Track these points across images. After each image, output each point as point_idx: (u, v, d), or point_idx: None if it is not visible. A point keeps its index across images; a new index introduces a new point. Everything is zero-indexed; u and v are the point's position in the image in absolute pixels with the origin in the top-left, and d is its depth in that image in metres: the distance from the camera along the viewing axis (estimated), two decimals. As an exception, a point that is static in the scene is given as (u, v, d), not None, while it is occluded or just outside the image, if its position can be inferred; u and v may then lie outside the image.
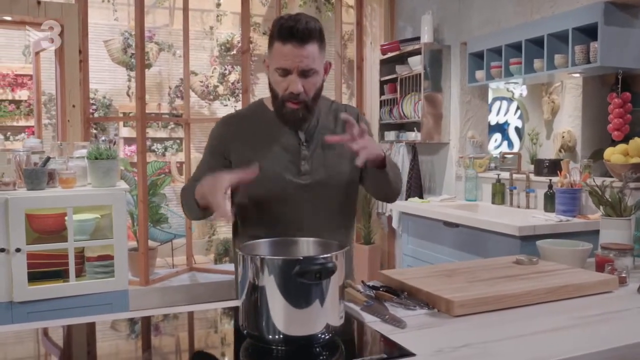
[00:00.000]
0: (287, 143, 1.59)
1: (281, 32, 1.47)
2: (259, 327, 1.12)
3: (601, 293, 1.50)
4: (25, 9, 3.69)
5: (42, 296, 2.71)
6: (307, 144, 1.60)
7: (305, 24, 1.46)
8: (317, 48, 1.49)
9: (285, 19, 1.48)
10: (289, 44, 1.46)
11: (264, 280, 1.11)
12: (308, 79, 1.50)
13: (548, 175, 3.24)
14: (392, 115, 4.41)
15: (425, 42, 4.01)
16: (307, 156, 1.59)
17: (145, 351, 1.23)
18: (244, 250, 1.20)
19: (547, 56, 3.08)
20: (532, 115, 5.10)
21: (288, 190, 1.57)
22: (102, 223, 2.96)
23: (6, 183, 2.66)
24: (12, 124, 5.93)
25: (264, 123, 1.61)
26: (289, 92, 1.50)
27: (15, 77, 5.90)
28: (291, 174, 1.58)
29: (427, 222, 3.38)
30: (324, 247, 1.30)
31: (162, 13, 6.35)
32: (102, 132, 6.17)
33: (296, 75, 1.48)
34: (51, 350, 1.26)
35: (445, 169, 4.12)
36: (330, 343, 1.16)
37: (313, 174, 1.59)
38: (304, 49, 1.46)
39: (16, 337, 1.28)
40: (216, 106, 6.61)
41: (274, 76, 1.53)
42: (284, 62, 1.48)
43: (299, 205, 1.58)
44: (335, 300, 1.15)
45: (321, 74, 1.55)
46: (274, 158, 1.58)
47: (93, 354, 1.23)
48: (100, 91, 6.12)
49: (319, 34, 1.49)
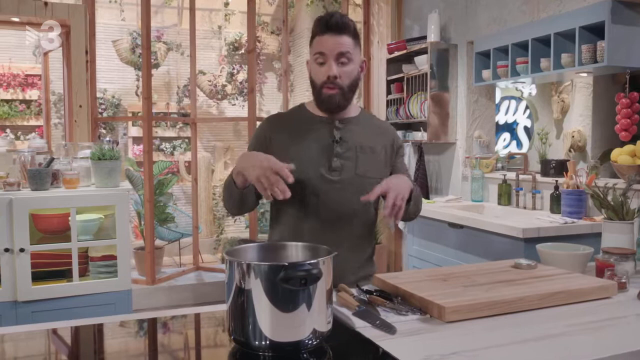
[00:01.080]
0: (322, 139, 1.68)
1: (319, 25, 1.61)
2: (246, 333, 1.12)
3: (599, 299, 1.47)
4: (32, 10, 3.71)
5: (46, 296, 2.73)
6: (340, 142, 1.67)
7: (340, 17, 1.61)
8: (351, 41, 1.62)
9: (323, 15, 1.64)
10: (326, 34, 1.60)
11: (250, 285, 1.11)
12: (344, 67, 1.61)
13: (555, 176, 3.20)
14: (398, 114, 4.39)
15: (432, 41, 3.98)
16: (339, 153, 1.67)
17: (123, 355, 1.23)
18: (230, 255, 1.20)
19: (553, 55, 3.04)
20: (541, 114, 5.04)
21: (319, 183, 1.65)
22: (106, 223, 2.97)
23: (11, 183, 2.68)
24: (22, 123, 5.99)
25: (303, 120, 1.71)
26: (326, 77, 1.60)
27: (26, 77, 5.96)
28: (323, 168, 1.65)
29: (432, 223, 3.36)
30: (311, 251, 1.29)
31: (171, 13, 6.37)
32: (111, 131, 6.21)
33: (333, 60, 1.60)
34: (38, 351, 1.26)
35: (451, 169, 4.08)
36: (317, 349, 1.15)
37: (342, 172, 1.66)
38: (340, 37, 1.59)
39: (25, 336, 1.28)
40: (224, 105, 6.62)
41: (314, 66, 1.64)
42: (321, 47, 1.61)
43: (327, 198, 1.65)
44: (322, 306, 1.14)
45: (357, 65, 1.66)
46: (308, 151, 1.66)
47: (76, 354, 1.23)
48: (109, 91, 6.16)
49: (353, 29, 1.63)
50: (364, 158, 1.69)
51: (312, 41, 1.65)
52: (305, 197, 1.65)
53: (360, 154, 1.69)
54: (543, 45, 3.15)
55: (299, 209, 1.66)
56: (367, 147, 1.70)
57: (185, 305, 4.21)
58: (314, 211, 1.65)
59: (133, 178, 4.49)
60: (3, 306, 2.66)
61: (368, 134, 1.73)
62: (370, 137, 1.73)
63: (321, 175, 1.65)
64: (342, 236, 1.66)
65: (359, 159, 1.68)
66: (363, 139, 1.71)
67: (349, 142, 1.68)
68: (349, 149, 1.68)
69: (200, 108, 6.47)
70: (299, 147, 1.67)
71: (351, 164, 1.67)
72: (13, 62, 5.93)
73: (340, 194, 1.65)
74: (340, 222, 1.66)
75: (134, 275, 4.50)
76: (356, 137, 1.70)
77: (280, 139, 1.69)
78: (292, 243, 1.34)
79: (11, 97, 5.91)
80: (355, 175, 1.67)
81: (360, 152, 1.69)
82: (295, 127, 1.71)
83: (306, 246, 1.32)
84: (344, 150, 1.67)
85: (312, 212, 1.65)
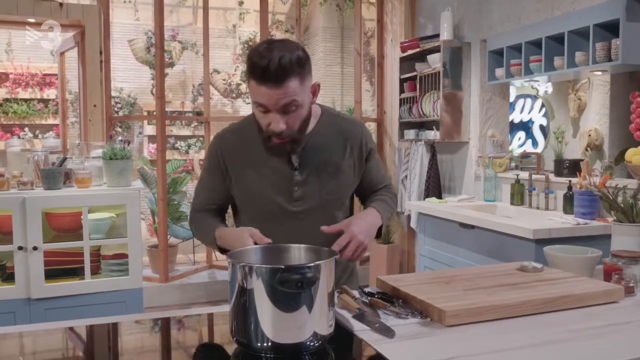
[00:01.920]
0: (280, 167, 1.53)
1: (255, 72, 1.36)
2: (247, 334, 1.12)
3: (605, 304, 1.44)
4: (48, 11, 3.77)
5: (59, 293, 2.77)
6: (300, 169, 1.54)
7: (278, 62, 1.32)
8: (297, 82, 1.37)
9: (257, 55, 1.35)
10: (263, 86, 1.35)
11: (250, 287, 1.11)
12: (290, 114, 1.40)
13: (568, 176, 3.15)
14: (411, 113, 4.36)
15: (445, 39, 3.95)
16: (300, 182, 1.54)
17: (122, 355, 1.24)
18: (233, 257, 1.20)
19: (567, 53, 2.99)
20: (557, 112, 4.97)
21: (281, 215, 1.54)
22: (118, 222, 3.00)
23: (24, 182, 2.72)
24: (40, 122, 6.09)
25: (257, 142, 1.51)
26: (271, 129, 1.41)
27: (44, 76, 6.04)
28: (284, 199, 1.54)
29: (443, 222, 3.33)
30: (314, 254, 1.29)
31: (186, 12, 6.41)
32: (127, 130, 6.27)
33: (276, 113, 1.39)
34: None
35: (464, 169, 4.05)
36: (319, 351, 1.15)
37: (306, 200, 1.55)
38: (281, 88, 1.35)
39: (43, 333, 1.31)
40: (239, 104, 6.64)
41: (255, 111, 1.44)
42: (261, 99, 1.38)
43: (292, 229, 1.53)
44: (323, 308, 1.14)
45: (306, 105, 1.45)
46: (266, 182, 1.54)
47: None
48: (125, 90, 6.22)
49: (297, 66, 1.35)
50: (328, 179, 1.55)
51: (249, 81, 1.39)
52: (266, 229, 1.44)
53: (324, 174, 1.55)
54: (557, 44, 3.11)
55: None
56: (332, 164, 1.56)
57: (197, 303, 4.24)
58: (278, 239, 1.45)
59: (147, 176, 4.54)
60: (17, 303, 2.70)
61: (332, 146, 1.57)
62: (334, 151, 1.57)
63: (281, 207, 1.53)
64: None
65: (323, 182, 1.55)
66: (327, 155, 1.55)
67: (310, 164, 1.54)
68: (310, 172, 1.54)
69: (214, 107, 6.51)
70: (253, 177, 1.54)
71: (314, 189, 1.54)
72: (31, 62, 6.02)
73: (305, 224, 1.53)
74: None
75: (148, 272, 4.55)
76: (319, 155, 1.54)
77: (234, 165, 1.57)
78: (296, 245, 1.32)
79: (30, 97, 6.01)
80: (320, 200, 1.55)
81: (323, 172, 1.55)
82: (248, 152, 1.55)
83: (309, 248, 1.31)
84: (305, 177, 1.53)
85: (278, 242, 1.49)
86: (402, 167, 4.56)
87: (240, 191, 1.58)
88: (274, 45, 1.36)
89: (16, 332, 1.34)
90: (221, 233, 1.52)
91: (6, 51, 5.94)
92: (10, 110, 5.95)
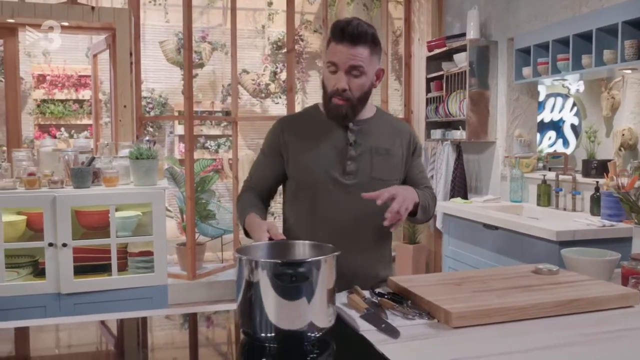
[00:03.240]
0: (336, 142, 1.66)
1: (335, 33, 1.57)
2: (252, 324, 1.18)
3: (620, 308, 1.42)
4: (80, 14, 3.87)
5: (87, 289, 2.84)
6: (354, 145, 1.65)
7: (356, 26, 1.54)
8: (367, 51, 1.57)
9: (340, 21, 1.58)
10: (341, 44, 1.55)
11: (255, 279, 1.17)
12: (355, 79, 1.58)
13: (596, 176, 3.08)
14: (437, 113, 4.33)
15: (471, 38, 3.90)
16: (353, 157, 1.65)
17: (144, 349, 1.28)
18: (240, 252, 1.24)
19: (595, 52, 2.93)
20: (589, 111, 4.86)
21: (332, 187, 1.64)
22: (144, 220, 3.07)
23: (55, 181, 2.81)
24: (76, 122, 6.27)
25: (317, 123, 1.69)
26: (335, 88, 1.58)
27: (79, 77, 6.22)
28: (337, 172, 1.64)
29: (468, 223, 3.30)
30: (316, 250, 1.33)
31: (216, 13, 6.49)
32: (158, 129, 6.40)
33: (343, 72, 1.57)
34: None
35: (491, 169, 4.00)
36: (321, 343, 1.19)
37: (357, 175, 1.65)
38: (354, 48, 1.54)
39: (76, 326, 1.37)
40: (268, 104, 6.70)
41: (326, 72, 1.63)
42: (334, 57, 1.57)
43: (341, 202, 1.64)
44: (322, 302, 1.19)
45: (370, 77, 1.61)
46: (322, 155, 1.65)
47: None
48: (156, 90, 6.35)
49: (370, 38, 1.56)
50: (379, 161, 1.67)
51: (328, 46, 1.61)
52: (319, 200, 1.64)
53: (376, 156, 1.66)
54: (585, 41, 3.04)
55: (314, 211, 1.66)
56: (383, 149, 1.68)
57: (224, 300, 4.30)
58: (327, 215, 1.64)
59: (176, 175, 4.63)
60: (47, 298, 2.80)
61: (384, 135, 1.70)
62: (386, 139, 1.70)
63: (335, 179, 1.64)
64: (355, 239, 1.65)
65: (374, 162, 1.66)
66: (378, 141, 1.68)
67: (363, 144, 1.66)
68: (363, 151, 1.66)
69: (243, 107, 6.58)
70: (312, 151, 1.66)
71: (366, 167, 1.65)
72: (67, 63, 6.20)
73: (354, 197, 1.62)
74: (354, 225, 1.65)
75: (177, 270, 4.64)
76: (371, 139, 1.68)
77: (293, 143, 1.68)
78: (301, 242, 1.39)
79: (65, 97, 6.19)
80: (371, 179, 1.64)
81: (375, 154, 1.66)
82: (308, 130, 1.69)
83: (313, 245, 1.37)
84: (358, 153, 1.65)
85: (325, 215, 1.65)
86: (428, 167, 4.53)
87: (296, 163, 1.68)
88: (355, 18, 1.59)
89: (51, 324, 1.43)
90: (249, 220, 1.61)
91: (43, 53, 6.13)
92: (48, 111, 6.15)
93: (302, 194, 1.67)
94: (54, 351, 1.29)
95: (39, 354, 1.27)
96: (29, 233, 2.96)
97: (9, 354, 1.24)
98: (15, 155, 3.01)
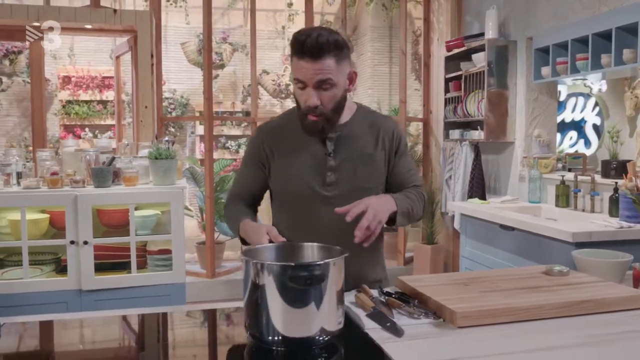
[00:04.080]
0: (315, 152, 1.61)
1: (295, 47, 1.48)
2: (259, 328, 1.18)
3: (628, 310, 1.41)
4: (103, 17, 3.96)
5: (107, 286, 2.91)
6: (334, 155, 1.61)
7: (316, 39, 1.44)
8: (333, 61, 1.48)
9: (299, 33, 1.49)
10: (302, 60, 1.47)
11: (262, 283, 1.17)
12: (325, 92, 1.51)
13: (616, 177, 3.04)
14: (456, 113, 4.31)
15: (490, 37, 3.88)
16: (333, 167, 1.60)
17: (141, 348, 1.33)
18: (247, 255, 1.26)
19: (614, 51, 2.89)
20: (612, 111, 4.78)
21: (313, 199, 1.60)
22: (163, 219, 3.13)
23: (76, 181, 2.89)
24: (100, 122, 6.40)
25: (295, 133, 1.62)
26: (307, 105, 1.52)
27: (103, 79, 6.35)
28: (317, 183, 1.60)
29: (484, 224, 3.29)
30: (326, 252, 1.33)
31: (237, 14, 6.57)
32: (179, 130, 6.50)
33: (312, 88, 1.50)
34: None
35: (510, 169, 3.97)
36: (329, 346, 1.20)
37: (338, 185, 1.60)
38: (317, 63, 1.46)
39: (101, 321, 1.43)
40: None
41: (295, 88, 1.56)
42: (299, 74, 1.50)
43: (324, 214, 1.59)
44: (332, 305, 1.19)
45: (342, 86, 1.54)
46: (301, 166, 1.61)
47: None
48: (178, 91, 6.45)
49: (334, 46, 1.47)
50: (362, 168, 1.61)
51: (292, 58, 1.52)
52: (299, 212, 1.60)
53: (358, 163, 1.61)
54: (604, 41, 3.01)
55: (295, 223, 1.62)
56: (365, 154, 1.62)
57: (240, 299, 4.34)
58: (310, 226, 1.60)
59: (196, 175, 4.69)
60: (69, 294, 2.87)
61: (364, 138, 1.64)
62: (367, 142, 1.64)
63: (314, 191, 1.59)
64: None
65: (357, 170, 1.61)
66: (359, 146, 1.62)
67: (343, 152, 1.61)
68: (343, 160, 1.60)
69: (264, 107, 6.64)
70: (291, 163, 1.62)
71: (347, 176, 1.60)
72: (92, 65, 6.34)
73: (336, 208, 1.52)
74: (338, 236, 1.47)
75: (197, 268, 4.70)
76: (351, 145, 1.62)
77: (273, 155, 1.65)
78: (309, 243, 1.38)
79: (90, 98, 6.33)
80: (353, 188, 1.59)
81: (358, 161, 1.61)
82: (287, 141, 1.64)
83: (321, 247, 1.36)
84: (338, 163, 1.60)
85: (307, 226, 1.60)
86: (446, 167, 4.52)
87: (276, 176, 1.65)
88: (314, 29, 1.50)
89: (74, 319, 1.49)
90: (244, 225, 1.60)
91: (69, 55, 6.28)
92: (72, 111, 6.29)
93: (285, 205, 1.65)
94: (77, 346, 1.34)
95: (62, 349, 1.32)
96: (52, 231, 3.05)
97: (35, 348, 1.30)
98: (39, 155, 3.10)
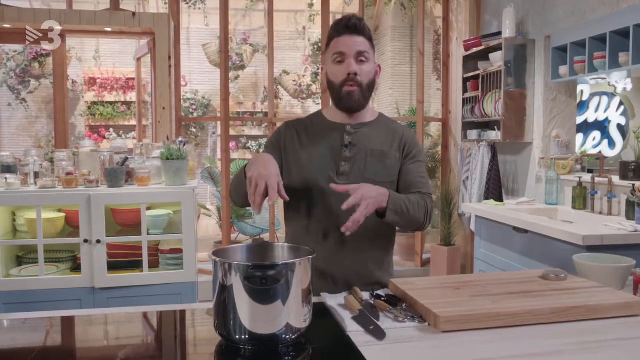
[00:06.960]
0: (332, 143, 1.70)
1: (337, 28, 1.65)
2: (227, 326, 1.20)
3: (623, 317, 1.37)
4: (122, 20, 4.04)
5: (120, 284, 2.96)
6: (350, 147, 1.68)
7: (357, 20, 1.64)
8: (367, 43, 1.65)
9: (340, 18, 1.67)
10: (344, 35, 1.63)
11: (227, 282, 1.19)
12: (362, 65, 1.64)
13: (634, 179, 2.96)
14: (474, 113, 4.25)
15: (507, 36, 3.82)
16: (348, 158, 1.68)
17: (123, 348, 1.35)
18: (215, 255, 1.27)
19: (632, 49, 2.81)
20: (638, 110, 4.66)
21: (325, 187, 1.65)
22: (176, 218, 3.17)
23: (90, 180, 2.95)
24: (124, 123, 6.52)
25: (317, 126, 1.75)
26: (346, 74, 1.63)
27: (127, 80, 6.47)
28: (331, 172, 1.67)
29: (498, 226, 3.24)
30: (293, 253, 1.36)
31: (258, 15, 6.61)
32: (201, 130, 6.57)
33: (352, 58, 1.63)
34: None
35: (527, 170, 3.89)
36: (297, 345, 1.21)
37: (351, 176, 1.66)
38: (357, 37, 1.63)
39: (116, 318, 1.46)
40: (309, 104, 6.76)
41: (332, 67, 1.67)
42: (340, 48, 1.64)
43: (335, 201, 1.63)
44: (297, 303, 1.20)
45: (373, 67, 1.69)
46: (318, 155, 1.69)
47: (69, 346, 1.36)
48: (200, 92, 6.52)
49: (368, 31, 1.66)
50: (374, 162, 1.68)
51: (330, 44, 1.67)
52: (313, 199, 1.67)
53: (370, 158, 1.68)
54: (622, 38, 2.93)
55: (308, 211, 1.69)
56: (378, 150, 1.70)
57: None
58: (322, 213, 1.66)
59: (214, 175, 4.74)
60: (83, 291, 2.93)
61: (381, 138, 1.72)
62: (383, 141, 1.72)
63: (329, 178, 1.66)
64: (349, 238, 1.61)
65: (368, 163, 1.68)
66: (375, 143, 1.70)
67: (358, 146, 1.69)
68: (358, 152, 1.68)
69: (284, 108, 6.67)
70: (310, 152, 1.70)
71: (359, 168, 1.67)
72: (116, 67, 6.46)
73: (346, 197, 1.56)
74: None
75: (213, 267, 4.74)
76: (368, 141, 1.70)
77: (294, 144, 1.73)
78: (279, 244, 1.42)
79: (114, 99, 6.45)
80: (364, 179, 1.62)
81: (370, 156, 1.68)
82: (309, 133, 1.74)
83: (291, 247, 1.39)
84: (352, 154, 1.68)
85: (320, 214, 1.67)
86: (463, 168, 4.46)
87: (292, 165, 1.71)
88: (354, 15, 1.68)
89: (83, 315, 1.54)
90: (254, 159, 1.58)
91: (94, 57, 6.42)
92: (97, 112, 6.43)
93: (297, 193, 1.69)
94: (94, 343, 1.38)
95: (83, 345, 1.36)
96: (68, 229, 3.12)
97: (51, 343, 1.34)
98: (57, 156, 3.17)
